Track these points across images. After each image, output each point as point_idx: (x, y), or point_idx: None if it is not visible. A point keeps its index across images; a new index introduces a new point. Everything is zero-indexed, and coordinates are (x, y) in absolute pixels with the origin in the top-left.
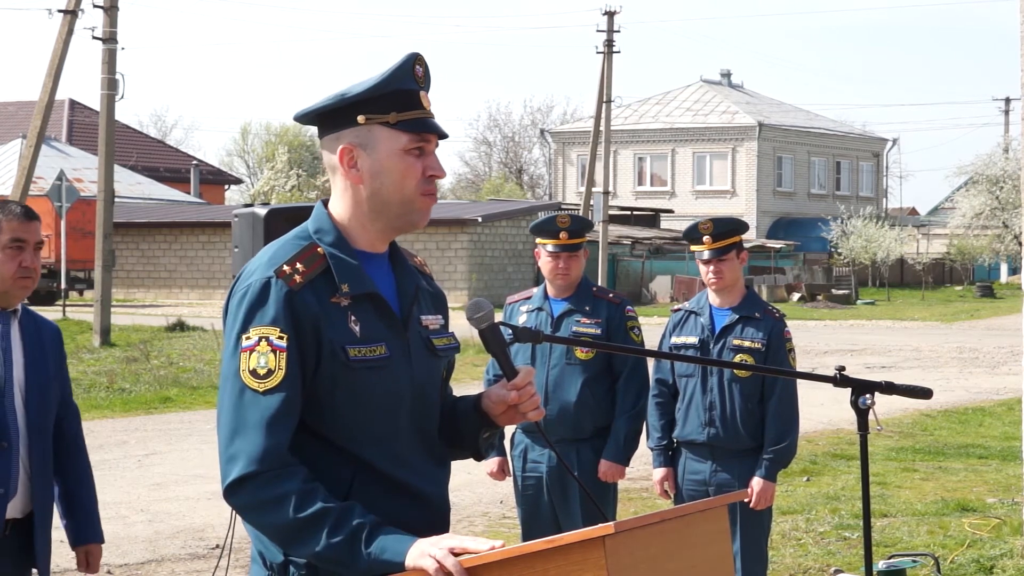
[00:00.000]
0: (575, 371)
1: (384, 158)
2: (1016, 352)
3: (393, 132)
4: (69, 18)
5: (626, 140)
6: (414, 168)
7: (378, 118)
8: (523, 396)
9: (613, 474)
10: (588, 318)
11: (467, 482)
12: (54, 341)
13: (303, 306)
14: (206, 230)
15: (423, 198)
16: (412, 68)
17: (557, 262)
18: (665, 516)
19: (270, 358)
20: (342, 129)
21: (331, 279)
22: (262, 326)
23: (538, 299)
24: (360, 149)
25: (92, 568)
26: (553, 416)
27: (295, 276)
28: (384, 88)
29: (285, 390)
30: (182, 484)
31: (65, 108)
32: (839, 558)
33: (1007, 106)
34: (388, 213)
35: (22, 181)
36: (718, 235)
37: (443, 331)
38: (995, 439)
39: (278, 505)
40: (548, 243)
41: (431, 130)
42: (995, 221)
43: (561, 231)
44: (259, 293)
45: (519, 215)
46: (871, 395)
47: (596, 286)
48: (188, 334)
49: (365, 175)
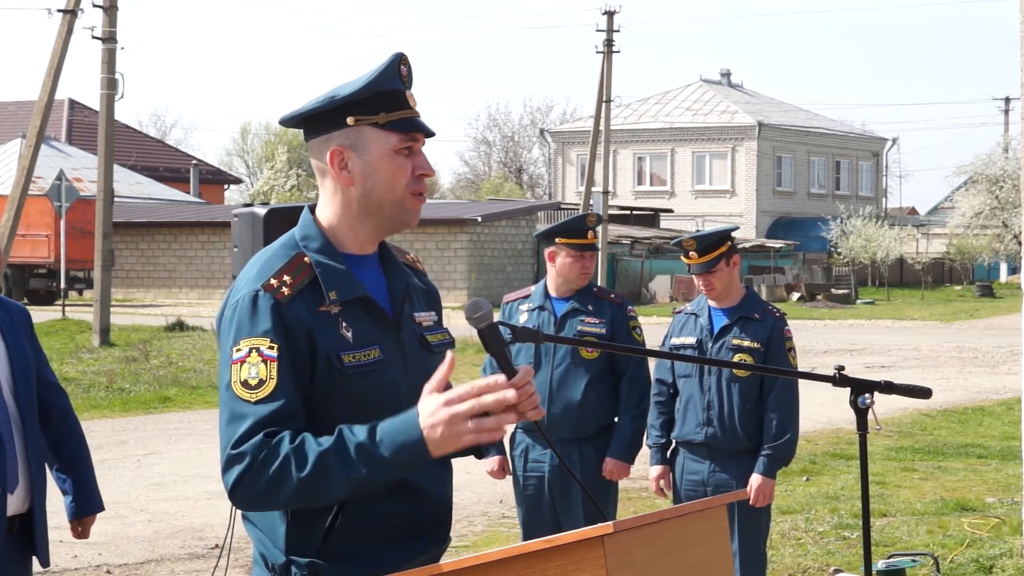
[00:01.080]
0: (579, 371)
1: (375, 159)
2: (1016, 352)
3: (383, 132)
4: (68, 18)
5: (626, 140)
6: (404, 168)
7: (367, 119)
8: (522, 396)
9: (618, 472)
10: (592, 317)
11: (467, 482)
12: (25, 324)
13: (293, 317)
14: (205, 230)
15: (413, 197)
16: (398, 68)
17: (583, 261)
18: (664, 516)
19: (261, 368)
20: (331, 131)
21: (319, 288)
22: (252, 337)
23: (539, 298)
24: (350, 150)
25: (84, 534)
26: (557, 415)
27: (283, 288)
28: (372, 89)
29: (277, 399)
30: (181, 484)
31: (65, 108)
32: (838, 558)
33: (1007, 105)
34: (380, 214)
35: (21, 181)
36: (703, 250)
37: (437, 327)
38: (994, 439)
39: (281, 478)
40: (575, 242)
41: (419, 129)
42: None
43: (589, 230)
44: (248, 306)
45: (519, 215)
46: (870, 395)
47: (596, 286)
48: (187, 334)
49: (356, 176)
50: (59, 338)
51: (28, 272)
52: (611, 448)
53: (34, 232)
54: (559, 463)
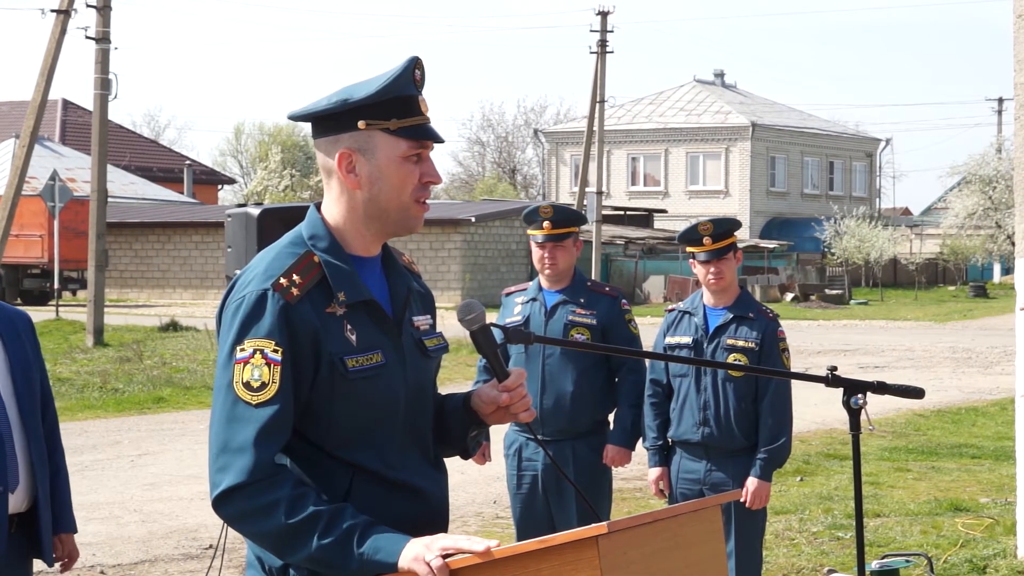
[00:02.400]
0: (569, 362)
1: (383, 164)
2: (1009, 352)
3: (393, 139)
4: (62, 18)
5: (619, 140)
6: (412, 175)
7: (379, 124)
8: (514, 398)
9: (620, 459)
10: (584, 309)
11: (461, 482)
12: (27, 329)
13: (300, 319)
14: (199, 230)
15: (418, 204)
16: (412, 73)
17: (543, 252)
18: (658, 516)
19: (264, 371)
20: (340, 133)
21: (327, 289)
22: (257, 339)
23: (532, 290)
24: (359, 154)
25: (74, 555)
26: (549, 407)
27: (292, 289)
28: (386, 94)
29: (278, 403)
30: (175, 484)
31: (58, 108)
32: (832, 558)
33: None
34: (384, 218)
35: (15, 181)
36: (718, 235)
37: (432, 331)
38: (988, 439)
39: (269, 513)
40: (535, 233)
41: (430, 136)
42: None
43: (544, 221)
44: (255, 305)
45: (513, 215)
46: (863, 395)
47: (591, 280)
48: (181, 334)
49: (363, 180)
50: (53, 338)
51: (22, 272)
52: (611, 435)
53: (28, 232)
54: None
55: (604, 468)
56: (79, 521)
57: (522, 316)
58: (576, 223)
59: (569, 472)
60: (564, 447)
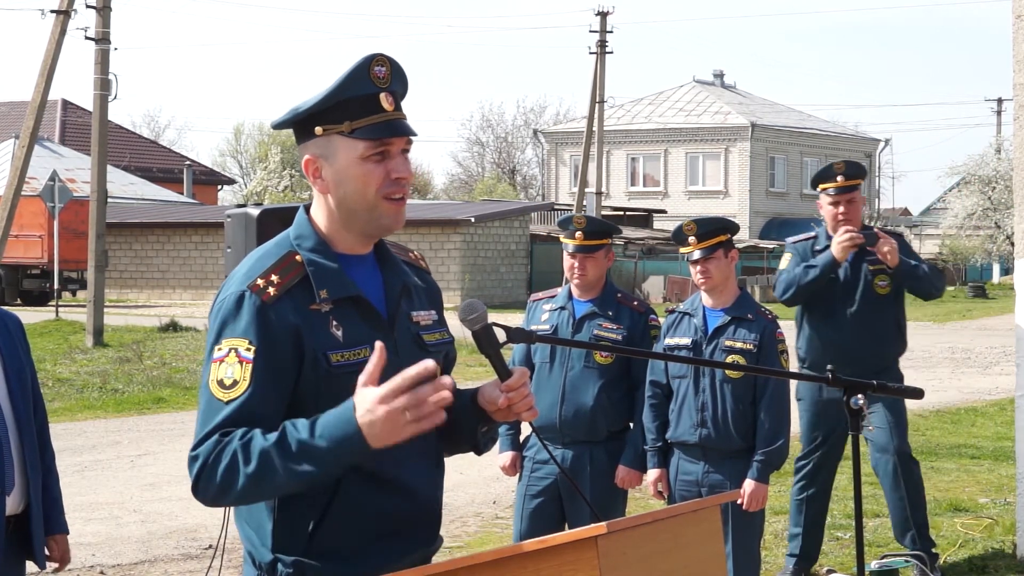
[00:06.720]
0: (593, 375)
1: (343, 167)
2: (1008, 352)
3: (350, 140)
4: (62, 18)
5: (619, 140)
6: (373, 174)
7: (334, 128)
8: (515, 399)
9: (631, 480)
10: (611, 323)
11: (460, 483)
12: (19, 331)
13: (279, 318)
14: (199, 230)
15: (387, 202)
16: (367, 72)
17: (573, 262)
18: (657, 516)
19: (236, 369)
20: (306, 140)
21: (309, 287)
22: (232, 338)
23: (562, 298)
24: (322, 159)
25: (67, 557)
26: (569, 417)
27: (269, 289)
28: (335, 98)
29: (247, 401)
30: (175, 484)
31: (58, 108)
32: (832, 558)
33: (999, 106)
34: (356, 220)
35: (15, 181)
36: (703, 235)
37: (436, 326)
38: (987, 439)
39: (230, 474)
40: (568, 242)
41: (391, 133)
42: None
43: (577, 231)
44: (233, 306)
45: (512, 215)
46: (863, 395)
47: (621, 292)
48: (181, 334)
49: (330, 185)
50: (52, 339)
51: (21, 273)
52: (624, 456)
53: (27, 233)
54: (572, 463)
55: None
56: (79, 521)
57: (550, 324)
58: (608, 235)
59: (586, 476)
60: (582, 453)
